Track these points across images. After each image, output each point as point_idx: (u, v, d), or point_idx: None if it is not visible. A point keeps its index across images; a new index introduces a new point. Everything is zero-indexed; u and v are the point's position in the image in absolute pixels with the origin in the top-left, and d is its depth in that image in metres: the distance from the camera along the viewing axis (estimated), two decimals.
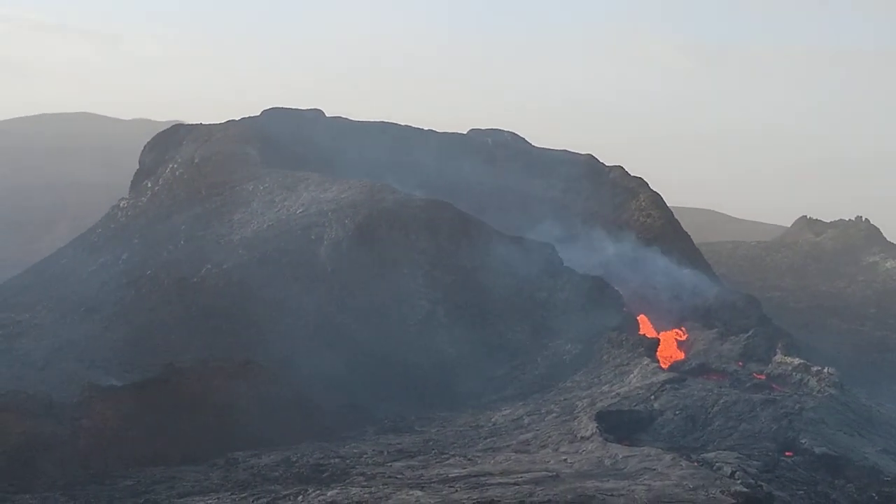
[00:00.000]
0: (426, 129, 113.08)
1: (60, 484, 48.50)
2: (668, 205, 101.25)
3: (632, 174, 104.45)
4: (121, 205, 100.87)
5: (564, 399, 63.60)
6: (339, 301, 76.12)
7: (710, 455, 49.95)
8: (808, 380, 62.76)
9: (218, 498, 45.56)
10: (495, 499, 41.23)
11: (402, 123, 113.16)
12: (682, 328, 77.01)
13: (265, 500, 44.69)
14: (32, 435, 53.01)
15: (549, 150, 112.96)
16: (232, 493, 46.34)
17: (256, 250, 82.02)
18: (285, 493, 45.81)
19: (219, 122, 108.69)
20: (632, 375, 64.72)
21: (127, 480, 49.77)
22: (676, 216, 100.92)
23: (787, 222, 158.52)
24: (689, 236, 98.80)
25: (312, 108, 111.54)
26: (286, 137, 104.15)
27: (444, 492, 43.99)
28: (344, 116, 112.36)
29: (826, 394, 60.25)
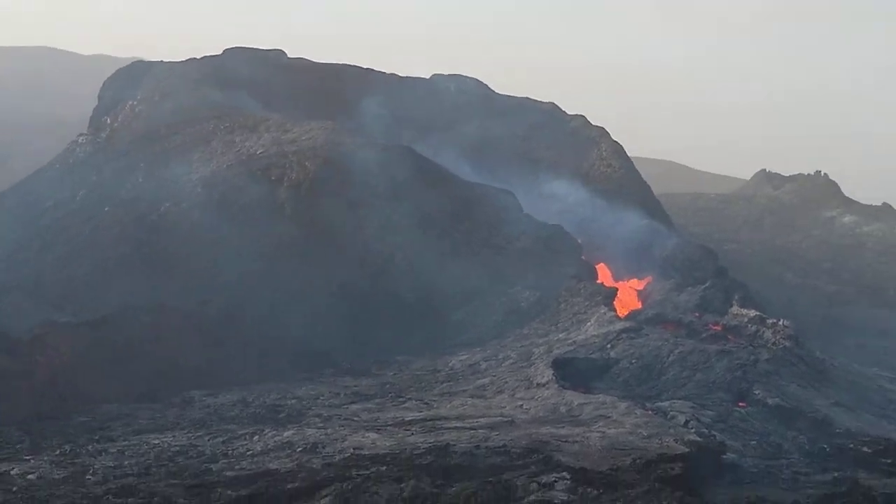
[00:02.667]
0: (388, 72, 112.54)
1: (15, 419, 48.22)
2: (629, 155, 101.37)
3: (593, 123, 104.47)
4: (79, 140, 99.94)
5: (521, 346, 63.79)
6: (299, 243, 75.83)
7: (665, 404, 50.38)
8: (763, 332, 63.15)
9: (174, 436, 45.51)
10: (451, 442, 41.42)
11: (364, 66, 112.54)
12: (640, 278, 77.27)
13: (221, 439, 44.71)
14: None
15: (512, 96, 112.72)
16: (188, 432, 46.31)
17: (216, 189, 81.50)
18: (241, 432, 45.86)
19: (180, 60, 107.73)
20: (589, 324, 64.98)
21: (82, 417, 49.62)
22: (637, 167, 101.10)
23: (747, 175, 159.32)
24: (649, 187, 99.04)
25: (274, 48, 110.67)
26: (246, 77, 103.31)
27: (399, 434, 44.17)
28: (305, 58, 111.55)
29: (780, 346, 60.68)
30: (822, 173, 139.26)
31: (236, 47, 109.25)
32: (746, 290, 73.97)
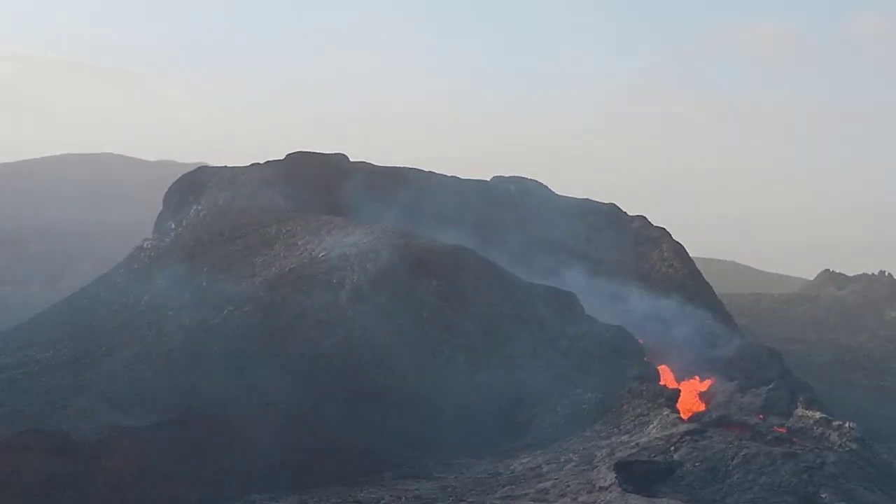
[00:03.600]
0: (449, 175, 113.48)
1: None
2: (691, 255, 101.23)
3: (654, 224, 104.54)
4: (144, 245, 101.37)
5: (584, 448, 63.40)
6: (360, 345, 76.13)
7: None
8: (829, 434, 62.42)
9: None
10: None
11: (426, 169, 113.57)
12: (703, 380, 76.77)
13: None
14: (51, 474, 53.09)
15: (572, 197, 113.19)
16: None
17: (278, 293, 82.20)
18: None
19: (243, 165, 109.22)
20: (651, 426, 64.50)
21: None
22: (699, 266, 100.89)
23: (810, 275, 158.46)
24: (711, 287, 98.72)
25: (337, 151, 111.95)
26: (310, 181, 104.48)
27: None
28: (367, 161, 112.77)
29: (847, 448, 59.91)
30: (886, 273, 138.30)
31: (299, 151, 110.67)
32: (811, 391, 73.36)
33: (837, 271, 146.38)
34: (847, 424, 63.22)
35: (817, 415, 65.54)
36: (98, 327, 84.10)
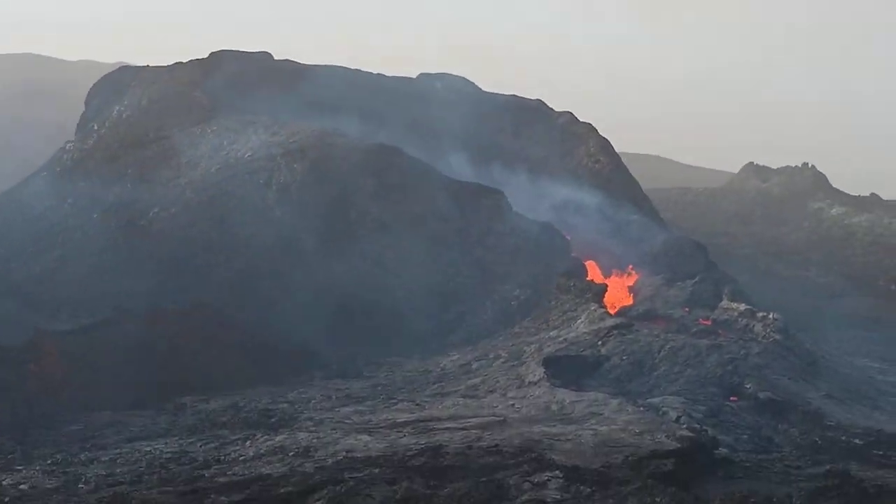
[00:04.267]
0: (375, 72, 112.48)
1: (7, 428, 48.30)
2: (617, 151, 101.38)
3: (581, 119, 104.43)
4: (67, 147, 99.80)
5: (512, 344, 63.89)
6: (287, 245, 75.89)
7: (657, 400, 50.47)
8: (754, 325, 63.33)
9: (166, 443, 45.57)
10: (443, 443, 41.50)
11: (351, 67, 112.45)
12: (630, 274, 77.32)
13: (213, 444, 44.76)
14: None
15: (499, 94, 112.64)
16: (180, 438, 46.37)
17: (205, 193, 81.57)
18: (233, 437, 45.92)
19: (166, 65, 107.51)
20: (579, 321, 65.04)
21: (74, 425, 49.69)
22: (625, 161, 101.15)
23: (735, 169, 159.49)
24: (638, 182, 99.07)
25: (260, 50, 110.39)
26: (234, 80, 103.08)
27: (392, 437, 44.21)
28: (292, 59, 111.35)
29: (771, 339, 60.85)
30: (810, 165, 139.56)
31: (223, 50, 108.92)
32: (736, 283, 74.19)
33: (761, 164, 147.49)
34: (771, 315, 64.15)
35: (742, 306, 66.41)
36: (23, 230, 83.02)
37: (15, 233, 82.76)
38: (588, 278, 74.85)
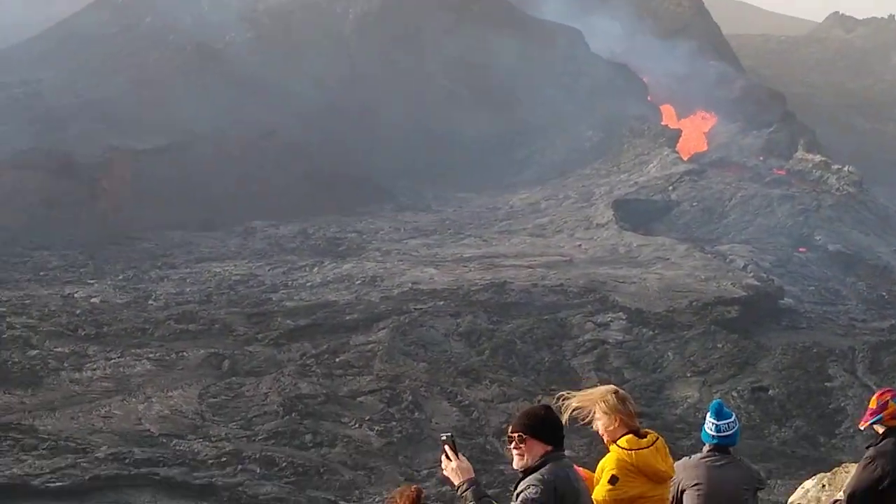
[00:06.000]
0: None
1: (79, 243, 49.03)
2: None
3: None
4: None
5: (582, 186, 63.62)
6: (362, 77, 75.55)
7: (725, 248, 50.26)
8: (828, 177, 62.58)
9: (235, 265, 46.10)
10: (508, 280, 41.65)
11: None
12: (705, 120, 76.41)
13: (281, 269, 45.23)
14: (52, 192, 53.42)
15: None
16: (248, 262, 46.88)
17: (280, 21, 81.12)
18: (301, 263, 46.36)
19: None
20: (651, 165, 64.58)
21: (145, 243, 50.31)
22: (706, 6, 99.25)
23: (819, 18, 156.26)
24: (718, 27, 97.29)
25: None
26: None
27: (457, 271, 44.44)
28: None
29: (844, 192, 60.16)
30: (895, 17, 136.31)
31: None
32: (813, 134, 73.11)
33: (847, 14, 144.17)
34: (846, 168, 63.34)
35: (817, 158, 65.59)
36: (99, 49, 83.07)
37: (93, 49, 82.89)
38: (662, 123, 74.12)
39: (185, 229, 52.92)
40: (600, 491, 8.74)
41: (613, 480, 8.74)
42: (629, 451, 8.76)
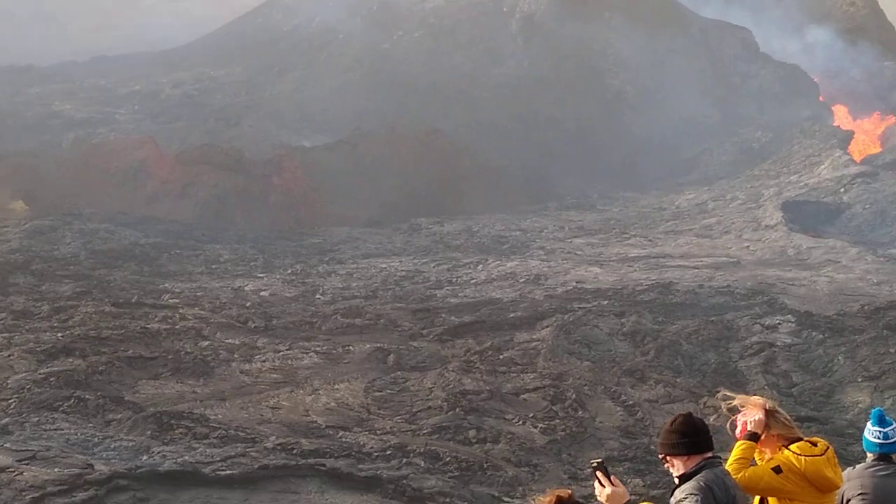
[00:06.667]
0: None
1: (250, 237, 50.05)
2: None
3: None
4: None
5: (751, 187, 62.75)
6: (529, 76, 75.61)
7: None
8: None
9: (400, 261, 46.53)
10: (674, 280, 41.28)
11: None
12: (879, 122, 74.80)
13: (446, 266, 45.50)
14: (225, 188, 54.68)
15: None
16: (414, 258, 47.26)
17: (447, 19, 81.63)
18: (466, 261, 46.57)
19: None
20: (822, 167, 63.37)
21: (313, 238, 51.12)
22: (881, 5, 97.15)
23: None
24: (893, 26, 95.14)
25: None
26: None
27: (622, 270, 44.21)
28: None
29: None
30: None
31: None
32: None
33: None
34: None
35: None
36: (270, 47, 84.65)
37: (265, 48, 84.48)
38: (834, 124, 72.74)
39: (351, 225, 53.66)
40: (761, 473, 8.65)
41: (778, 470, 8.66)
42: (799, 457, 8.67)
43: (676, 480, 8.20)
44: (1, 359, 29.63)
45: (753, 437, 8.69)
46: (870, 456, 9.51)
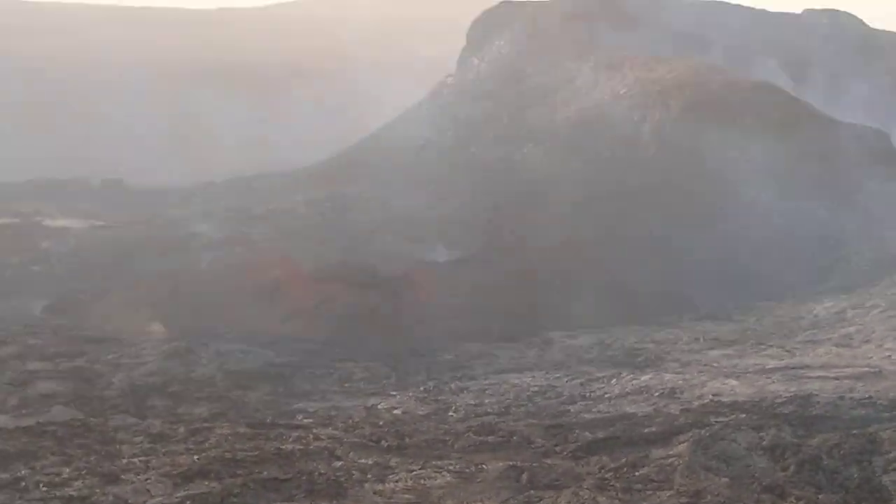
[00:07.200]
0: (756, 7, 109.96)
1: (383, 354, 50.17)
2: None
3: None
4: (447, 81, 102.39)
5: (892, 293, 61.38)
6: (663, 183, 75.35)
7: None
8: None
9: (533, 376, 46.22)
10: (813, 392, 40.38)
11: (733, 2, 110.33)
12: None
13: (579, 380, 45.08)
14: (358, 306, 55.12)
15: (890, 31, 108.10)
16: (546, 373, 46.92)
17: (578, 130, 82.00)
18: (599, 374, 46.09)
19: (548, 0, 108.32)
20: None
21: (446, 355, 51.04)
22: None
23: None
24: None
25: None
26: (623, 17, 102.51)
27: (760, 382, 43.35)
28: None
29: None
30: None
31: None
32: None
33: None
34: None
35: None
36: (400, 162, 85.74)
37: (394, 165, 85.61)
38: None
39: (484, 341, 53.56)
40: None
41: None
42: None
43: None
44: (138, 482, 29.89)
45: None
46: None
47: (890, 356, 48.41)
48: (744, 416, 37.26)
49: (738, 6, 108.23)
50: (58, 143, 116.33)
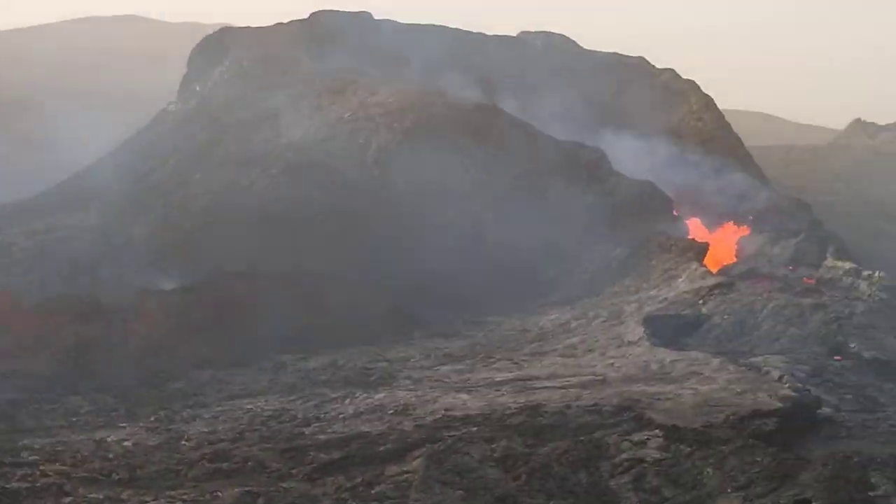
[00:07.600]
0: (475, 31, 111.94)
1: (111, 386, 49.10)
2: (720, 107, 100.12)
3: (683, 77, 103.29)
4: (169, 108, 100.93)
5: (612, 304, 63.45)
6: (387, 205, 75.94)
7: (758, 359, 49.70)
8: (859, 284, 62.31)
9: (266, 400, 45.96)
10: (542, 402, 41.32)
11: (451, 26, 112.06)
12: (732, 233, 76.45)
13: (313, 402, 45.03)
14: (83, 337, 53.70)
15: (599, 52, 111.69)
16: (280, 396, 46.73)
17: (304, 155, 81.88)
18: (333, 395, 46.15)
19: (267, 25, 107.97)
20: (680, 280, 64.46)
21: (177, 383, 50.30)
22: (728, 119, 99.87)
23: (842, 125, 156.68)
24: (741, 139, 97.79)
25: (361, 9, 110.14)
26: (334, 39, 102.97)
27: (490, 395, 44.11)
28: (391, 19, 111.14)
29: (876, 298, 59.82)
30: None
31: (323, 10, 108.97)
32: (841, 241, 73.00)
33: (868, 120, 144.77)
34: (876, 274, 63.08)
35: (847, 265, 65.38)
36: (124, 191, 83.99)
37: (118, 192, 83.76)
38: (689, 237, 74.16)
39: (215, 367, 52.96)
40: None
41: None
42: None
43: None
44: None
45: None
46: None
47: (613, 364, 49.97)
48: (475, 429, 37.86)
49: (439, 27, 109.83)
50: None
